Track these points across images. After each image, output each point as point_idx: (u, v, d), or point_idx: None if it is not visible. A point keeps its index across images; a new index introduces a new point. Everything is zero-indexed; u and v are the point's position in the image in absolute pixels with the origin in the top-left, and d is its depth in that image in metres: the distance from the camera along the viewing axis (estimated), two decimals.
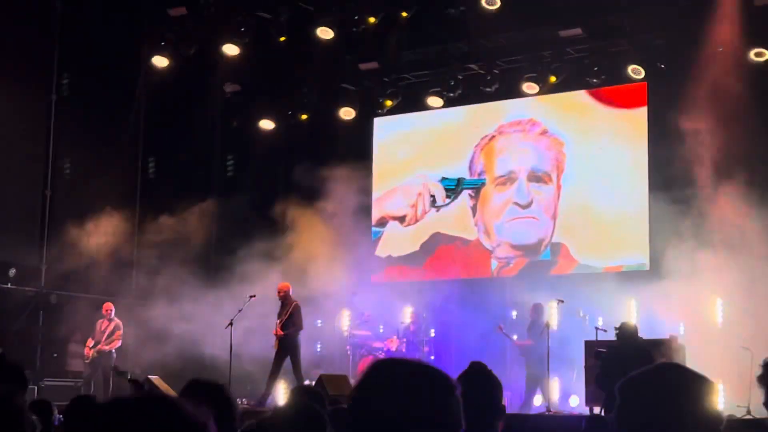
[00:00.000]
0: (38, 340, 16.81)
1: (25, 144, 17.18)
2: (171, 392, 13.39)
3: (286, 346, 15.07)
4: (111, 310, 16.09)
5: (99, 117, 17.92)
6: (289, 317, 15.07)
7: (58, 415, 6.83)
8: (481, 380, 3.89)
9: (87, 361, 15.87)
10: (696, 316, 14.71)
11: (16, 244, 17.03)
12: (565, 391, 15.46)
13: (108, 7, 17.68)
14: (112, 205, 17.67)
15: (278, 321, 15.18)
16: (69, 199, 17.56)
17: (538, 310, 15.52)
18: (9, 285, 16.54)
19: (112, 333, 15.87)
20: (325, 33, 17.15)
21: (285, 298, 15.29)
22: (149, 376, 14.00)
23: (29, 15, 17.06)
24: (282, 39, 17.31)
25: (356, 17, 16.71)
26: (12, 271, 16.57)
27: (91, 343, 15.85)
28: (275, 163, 19.65)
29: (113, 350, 15.89)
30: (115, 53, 17.81)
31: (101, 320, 15.97)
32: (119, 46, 17.86)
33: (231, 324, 14.79)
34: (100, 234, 17.39)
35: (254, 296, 15.33)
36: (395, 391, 2.20)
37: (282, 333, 15.02)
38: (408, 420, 2.17)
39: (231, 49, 17.63)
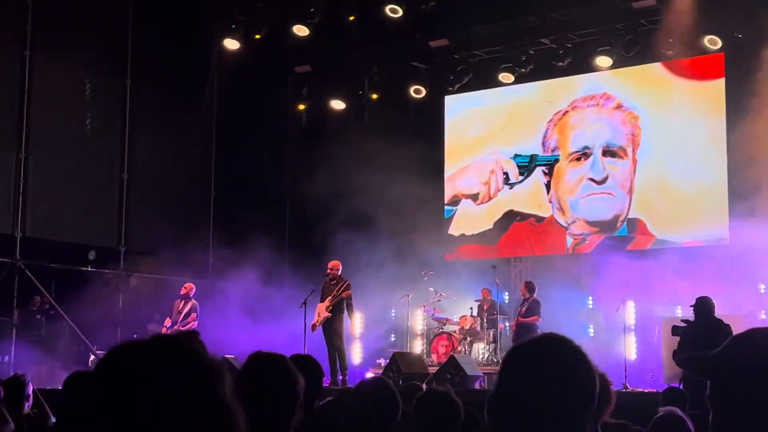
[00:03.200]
0: (118, 321, 17.12)
1: (101, 128, 17.49)
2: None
3: (331, 328, 14.57)
4: (190, 290, 15.79)
5: (172, 100, 18.16)
6: (339, 300, 14.60)
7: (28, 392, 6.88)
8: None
9: None
10: None
11: (95, 227, 17.36)
12: (643, 368, 15.25)
13: None
14: (187, 187, 17.89)
15: (326, 301, 14.61)
16: (145, 181, 17.84)
17: (530, 287, 15.35)
18: (89, 267, 16.88)
19: (188, 314, 15.65)
20: (394, 11, 17.10)
21: (337, 277, 14.79)
22: (226, 356, 14.15)
23: (102, 0, 17.31)
24: (351, 18, 17.30)
25: None
26: (92, 254, 16.88)
27: (168, 323, 15.68)
28: (346, 143, 19.68)
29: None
30: (187, 37, 18.02)
31: (178, 300, 15.78)
32: (191, 29, 18.07)
33: (305, 303, 14.82)
34: (178, 216, 17.63)
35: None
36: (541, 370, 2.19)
37: (330, 315, 14.51)
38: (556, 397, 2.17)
39: (301, 30, 17.69)
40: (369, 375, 16.44)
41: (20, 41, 16.00)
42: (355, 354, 17.71)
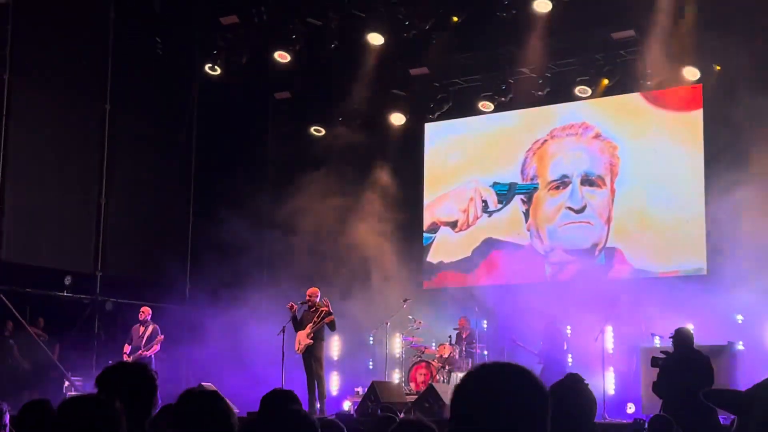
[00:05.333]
0: (94, 347, 16.96)
1: (79, 152, 17.39)
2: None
3: (312, 355, 14.52)
4: (148, 314, 15.55)
5: (152, 125, 18.11)
6: (320, 327, 14.55)
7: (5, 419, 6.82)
8: (572, 394, 3.81)
9: None
10: (755, 321, 14.43)
11: (72, 252, 17.23)
12: (621, 399, 15.25)
13: (161, 16, 17.86)
14: (165, 213, 17.81)
15: (307, 328, 14.54)
16: (123, 207, 17.74)
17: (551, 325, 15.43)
18: (65, 293, 16.73)
19: (151, 338, 15.36)
20: (375, 39, 17.15)
21: (315, 304, 14.75)
22: (203, 383, 14.05)
23: (83, 24, 17.27)
24: (333, 46, 17.34)
25: (407, 23, 16.66)
26: (68, 279, 16.74)
27: (127, 349, 15.36)
28: (326, 169, 19.68)
29: (152, 356, 15.37)
30: (168, 62, 17.99)
31: (137, 325, 15.51)
32: (172, 54, 18.04)
33: (283, 331, 14.74)
34: (155, 242, 17.53)
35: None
36: (494, 395, 2.30)
37: (311, 342, 14.47)
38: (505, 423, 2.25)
39: (282, 57, 17.71)
40: (346, 404, 16.38)
41: None
42: (333, 382, 17.63)
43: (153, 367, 15.13)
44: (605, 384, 14.43)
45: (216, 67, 18.15)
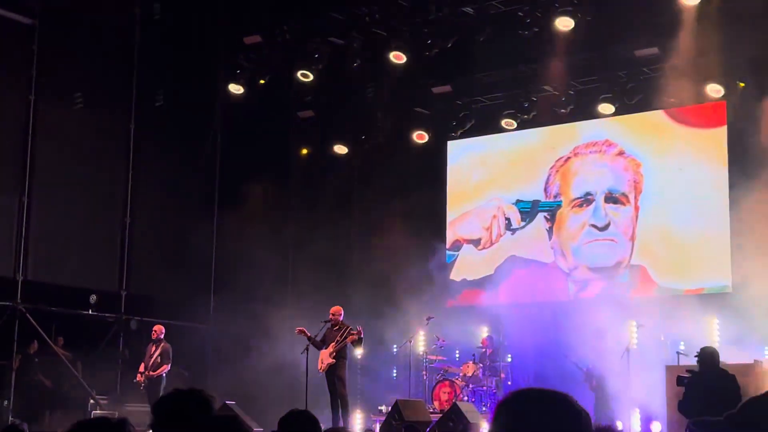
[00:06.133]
0: (118, 365, 17.02)
1: (104, 172, 17.52)
2: (246, 420, 13.44)
3: (334, 374, 14.40)
4: (160, 332, 15.34)
5: (176, 145, 18.21)
6: (342, 346, 14.41)
7: None
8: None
9: (141, 388, 15.15)
10: None
11: (97, 271, 17.33)
12: (647, 417, 15.14)
13: (185, 36, 17.99)
14: (189, 232, 17.88)
15: (329, 347, 14.42)
16: (148, 226, 17.84)
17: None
18: (90, 311, 16.82)
19: (159, 358, 15.11)
20: (397, 57, 17.20)
21: (339, 323, 14.63)
22: (227, 402, 14.07)
23: (109, 45, 17.42)
24: (355, 64, 17.40)
25: (429, 41, 16.70)
26: (93, 298, 16.83)
27: (142, 368, 15.23)
28: (349, 187, 19.73)
29: (163, 375, 15.14)
30: (192, 82, 18.11)
31: (150, 344, 15.37)
32: (196, 74, 18.16)
33: (307, 350, 14.68)
34: (180, 261, 17.59)
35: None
36: (533, 420, 2.38)
37: (334, 361, 14.34)
38: None
39: (305, 76, 17.79)
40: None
41: (25, 86, 16.08)
42: (356, 401, 17.60)
43: (164, 386, 15.02)
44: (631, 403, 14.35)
45: (239, 86, 18.26)
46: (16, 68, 16.18)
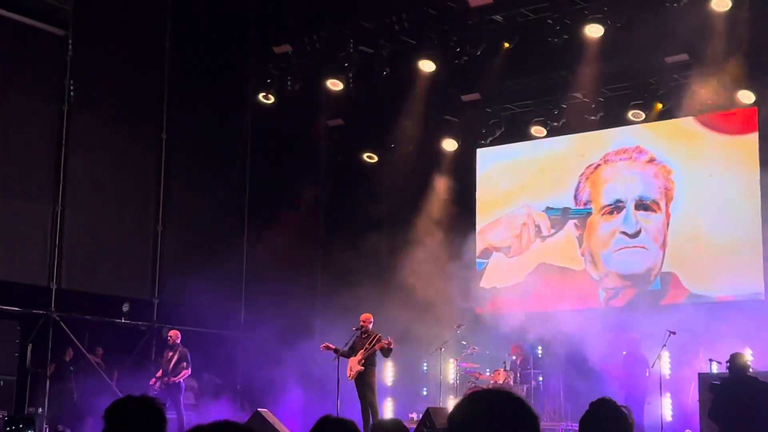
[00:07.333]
0: (151, 373, 17.13)
1: (137, 181, 17.69)
2: (280, 427, 13.50)
3: (363, 382, 14.45)
4: (176, 338, 15.28)
5: (207, 154, 18.36)
6: (371, 353, 14.49)
7: None
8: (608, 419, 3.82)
9: (155, 393, 14.80)
10: None
11: (129, 279, 17.48)
12: (679, 425, 15.06)
13: (215, 46, 18.14)
14: (221, 240, 17.99)
15: (358, 355, 14.50)
16: (180, 234, 17.97)
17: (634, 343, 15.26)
18: (123, 319, 16.97)
19: (178, 363, 15.09)
20: (426, 65, 17.24)
21: (368, 331, 14.68)
22: (259, 410, 14.13)
23: (139, 54, 17.60)
24: (385, 73, 17.46)
25: (458, 49, 16.74)
26: (126, 306, 16.97)
27: (160, 374, 15.23)
28: (378, 195, 19.77)
29: (182, 381, 15.15)
30: (222, 91, 18.26)
31: (167, 350, 15.39)
32: (226, 84, 18.32)
33: (338, 357, 14.71)
34: (212, 269, 17.70)
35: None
36: (485, 421, 2.39)
37: (362, 368, 14.43)
38: None
39: (335, 84, 17.88)
40: None
41: (58, 96, 16.28)
42: (387, 408, 17.63)
43: (183, 394, 15.07)
44: (663, 410, 14.26)
45: (269, 95, 18.39)
46: (50, 78, 16.37)
